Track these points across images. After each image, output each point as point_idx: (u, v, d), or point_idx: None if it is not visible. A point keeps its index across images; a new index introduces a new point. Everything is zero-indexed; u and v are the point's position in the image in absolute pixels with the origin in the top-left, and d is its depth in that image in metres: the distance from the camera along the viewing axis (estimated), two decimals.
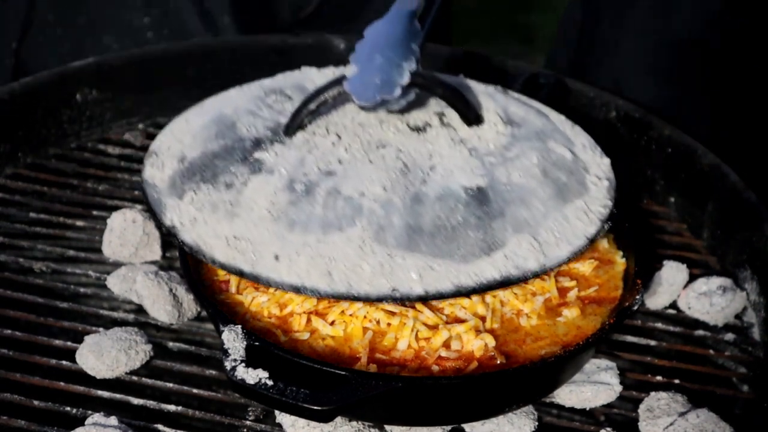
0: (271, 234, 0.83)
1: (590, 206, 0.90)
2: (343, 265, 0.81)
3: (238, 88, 1.04)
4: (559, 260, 0.85)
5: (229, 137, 0.92)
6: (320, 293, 0.80)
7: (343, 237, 0.82)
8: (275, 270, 0.82)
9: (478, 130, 0.94)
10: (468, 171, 0.88)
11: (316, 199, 0.85)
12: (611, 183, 0.94)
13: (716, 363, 1.05)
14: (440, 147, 0.91)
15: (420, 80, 0.90)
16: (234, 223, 0.85)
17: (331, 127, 0.92)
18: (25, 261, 1.06)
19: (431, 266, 0.81)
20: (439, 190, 0.86)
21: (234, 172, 0.88)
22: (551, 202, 0.88)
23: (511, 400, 0.88)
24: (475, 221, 0.85)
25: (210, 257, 0.83)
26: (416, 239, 0.83)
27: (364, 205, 0.84)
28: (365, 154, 0.89)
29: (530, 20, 3.02)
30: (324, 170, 0.87)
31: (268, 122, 0.94)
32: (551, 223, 0.87)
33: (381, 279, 0.80)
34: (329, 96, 0.89)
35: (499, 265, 0.83)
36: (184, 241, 0.86)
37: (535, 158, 0.91)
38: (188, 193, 0.89)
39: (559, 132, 0.98)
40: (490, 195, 0.87)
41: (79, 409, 0.89)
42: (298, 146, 0.90)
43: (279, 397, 0.78)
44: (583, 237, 0.88)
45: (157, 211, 0.89)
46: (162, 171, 0.93)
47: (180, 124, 0.99)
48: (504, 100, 1.00)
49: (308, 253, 0.82)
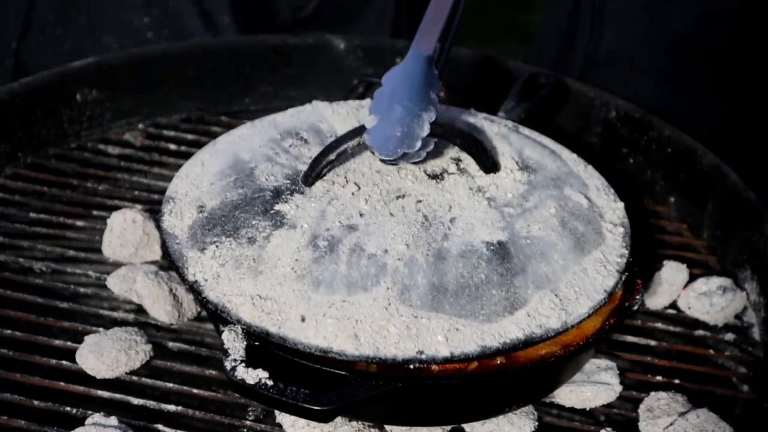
0: (296, 294, 0.83)
1: (607, 257, 0.91)
2: (370, 327, 0.81)
3: (249, 125, 1.03)
4: (580, 317, 0.86)
5: (248, 186, 0.92)
6: (348, 357, 0.80)
7: (369, 297, 0.82)
8: (302, 332, 0.81)
9: (496, 177, 0.94)
10: (488, 224, 0.89)
11: (339, 257, 0.84)
12: (626, 230, 0.95)
13: (716, 363, 1.05)
14: (459, 197, 0.91)
15: (439, 130, 0.90)
16: (258, 281, 0.84)
17: (350, 175, 0.92)
18: (25, 261, 1.06)
19: (456, 327, 0.82)
20: (461, 246, 0.86)
21: (256, 226, 0.87)
22: (570, 255, 0.89)
23: (511, 401, 0.88)
24: (498, 279, 0.85)
25: (236, 317, 0.82)
26: (440, 299, 0.83)
27: (388, 264, 0.84)
28: (385, 205, 0.89)
29: (530, 20, 3.02)
30: (345, 224, 0.87)
31: (286, 169, 0.93)
32: (571, 277, 0.88)
33: (407, 342, 0.80)
34: (350, 147, 0.89)
35: (522, 325, 0.83)
36: (208, 299, 0.84)
37: (553, 208, 0.92)
38: (210, 246, 0.88)
39: (574, 175, 0.99)
40: (511, 250, 0.87)
41: (79, 409, 0.89)
42: (318, 197, 0.89)
43: (279, 397, 0.78)
44: (602, 291, 0.88)
45: (179, 264, 0.88)
46: (181, 220, 0.92)
47: (195, 168, 0.98)
48: (518, 141, 1.01)
49: (334, 315, 0.81)
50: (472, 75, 1.33)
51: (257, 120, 1.05)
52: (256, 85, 1.35)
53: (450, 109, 1.07)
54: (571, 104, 1.28)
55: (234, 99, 1.35)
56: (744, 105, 1.49)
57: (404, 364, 0.80)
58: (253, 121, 1.04)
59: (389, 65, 1.34)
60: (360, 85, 1.36)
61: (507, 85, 1.21)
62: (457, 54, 1.35)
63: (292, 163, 0.94)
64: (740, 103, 1.49)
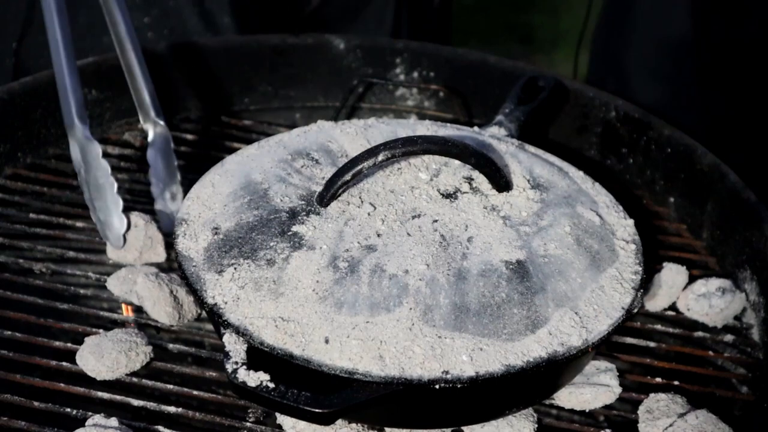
0: (318, 315, 0.83)
1: (622, 274, 0.92)
2: (394, 348, 0.81)
3: (256, 145, 1.04)
4: (600, 334, 0.86)
5: (263, 207, 0.92)
6: (374, 378, 0.80)
7: (392, 318, 0.83)
8: (327, 354, 0.81)
9: (509, 196, 0.95)
10: (506, 243, 0.89)
11: (360, 278, 0.84)
12: (638, 246, 0.96)
13: (715, 364, 1.05)
14: (474, 216, 0.92)
15: (454, 150, 0.91)
16: (279, 303, 0.84)
17: (364, 195, 0.92)
18: (25, 262, 1.06)
19: (480, 347, 0.82)
20: (481, 266, 0.87)
21: (274, 248, 0.87)
22: (587, 272, 0.90)
23: (512, 404, 0.88)
24: (519, 297, 0.85)
25: (258, 339, 0.82)
26: (463, 318, 0.83)
27: (410, 284, 0.84)
28: (402, 225, 0.89)
29: (530, 20, 3.02)
30: (364, 245, 0.87)
31: (300, 190, 0.94)
32: (589, 295, 0.88)
33: (433, 362, 0.81)
34: (365, 167, 0.89)
35: (544, 343, 0.84)
36: (229, 322, 0.84)
37: (568, 226, 0.93)
38: (228, 269, 0.87)
39: (584, 193, 1.00)
40: (530, 269, 0.88)
41: (79, 410, 0.89)
42: (334, 218, 0.90)
43: (280, 400, 0.78)
44: (620, 308, 0.89)
45: (197, 287, 0.88)
46: (196, 242, 0.92)
47: (206, 189, 0.97)
48: (527, 159, 1.02)
49: (358, 336, 0.82)
50: (472, 75, 1.33)
51: (263, 140, 1.05)
52: (256, 85, 1.35)
53: (459, 129, 1.08)
54: (570, 104, 1.28)
55: (234, 99, 1.35)
56: (744, 105, 1.49)
57: (430, 385, 0.80)
58: (259, 142, 1.05)
59: (389, 65, 1.36)
60: (360, 85, 1.36)
61: (507, 86, 1.21)
62: (457, 54, 1.35)
63: (305, 184, 0.94)
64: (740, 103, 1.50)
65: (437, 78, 1.35)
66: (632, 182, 1.25)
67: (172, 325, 0.99)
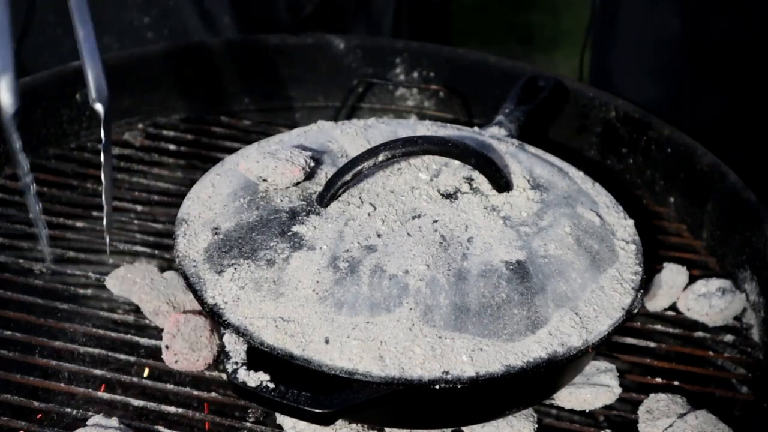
0: (319, 315, 0.83)
1: (623, 274, 0.92)
2: (395, 348, 0.81)
3: (256, 145, 1.04)
4: (600, 335, 0.86)
5: (263, 207, 0.92)
6: (374, 378, 0.80)
7: (392, 318, 0.83)
8: (327, 354, 0.81)
9: (509, 196, 0.95)
10: (506, 243, 0.89)
11: (361, 278, 0.84)
12: (638, 247, 0.96)
13: (715, 364, 1.05)
14: (474, 216, 0.92)
15: (454, 151, 0.91)
16: (279, 303, 0.84)
17: (364, 195, 0.92)
18: (25, 262, 1.06)
19: (480, 347, 0.82)
20: (481, 266, 0.87)
21: (274, 248, 0.87)
22: (587, 273, 0.90)
23: (512, 404, 0.88)
24: (519, 298, 0.86)
25: (258, 339, 0.82)
26: (463, 319, 0.83)
27: (410, 284, 0.84)
28: (402, 225, 0.89)
29: (530, 20, 3.02)
30: (364, 245, 0.87)
31: (300, 190, 0.94)
32: (589, 295, 0.88)
33: (433, 362, 0.81)
34: (365, 168, 0.90)
35: (545, 344, 0.84)
36: (229, 322, 0.84)
37: (568, 227, 0.93)
38: (228, 269, 0.87)
39: (584, 193, 1.00)
40: (530, 269, 0.88)
41: (79, 410, 0.89)
42: (334, 218, 0.90)
43: (280, 400, 0.78)
44: (620, 309, 0.89)
45: (197, 287, 0.87)
46: (196, 242, 0.91)
47: (205, 189, 0.97)
48: (527, 160, 1.02)
49: (359, 336, 0.82)
50: (472, 75, 1.33)
51: (263, 140, 1.05)
52: (256, 85, 1.35)
53: (459, 129, 1.08)
54: (570, 104, 1.28)
55: (234, 99, 1.35)
56: (744, 105, 1.49)
57: (430, 385, 0.80)
58: (259, 142, 1.05)
59: (389, 65, 1.36)
60: (359, 85, 1.36)
61: (507, 86, 1.21)
62: (457, 54, 1.35)
63: (305, 184, 0.94)
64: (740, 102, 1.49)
65: (437, 78, 1.35)
66: (632, 182, 1.25)
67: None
